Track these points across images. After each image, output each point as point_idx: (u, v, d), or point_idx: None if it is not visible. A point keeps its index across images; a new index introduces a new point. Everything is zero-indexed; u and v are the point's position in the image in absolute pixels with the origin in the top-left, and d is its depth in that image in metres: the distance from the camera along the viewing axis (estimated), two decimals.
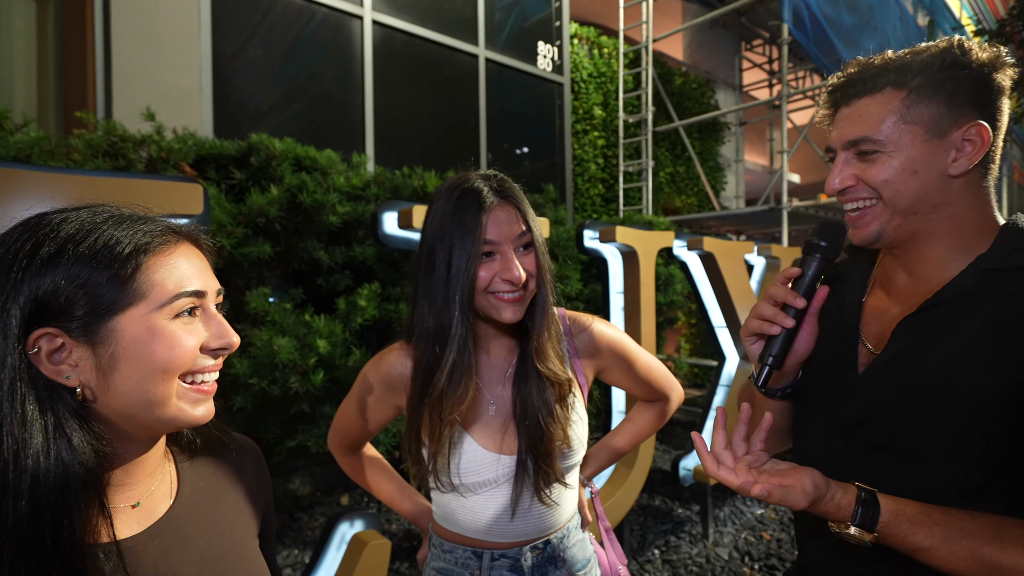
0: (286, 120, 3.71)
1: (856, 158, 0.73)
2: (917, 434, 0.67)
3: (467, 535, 0.94)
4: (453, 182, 0.89)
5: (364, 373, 0.97)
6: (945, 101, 0.68)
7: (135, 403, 0.51)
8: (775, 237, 7.42)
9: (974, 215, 0.71)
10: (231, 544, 0.61)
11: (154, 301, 0.51)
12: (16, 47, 2.91)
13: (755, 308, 0.77)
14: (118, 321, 0.50)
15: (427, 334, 0.86)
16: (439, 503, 0.97)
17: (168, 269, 0.53)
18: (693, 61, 7.65)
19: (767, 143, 8.54)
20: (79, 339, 0.49)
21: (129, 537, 0.54)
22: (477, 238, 0.83)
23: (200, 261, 0.57)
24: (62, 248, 0.48)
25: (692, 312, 6.05)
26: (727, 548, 2.74)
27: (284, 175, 2.38)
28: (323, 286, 2.65)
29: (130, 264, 0.50)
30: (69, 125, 2.98)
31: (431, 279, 0.86)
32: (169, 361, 0.52)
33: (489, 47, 4.83)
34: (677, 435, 4.41)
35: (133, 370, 0.50)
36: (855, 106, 0.73)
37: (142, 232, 0.52)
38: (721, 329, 3.05)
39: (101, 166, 2.01)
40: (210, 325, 0.56)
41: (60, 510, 0.46)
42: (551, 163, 5.40)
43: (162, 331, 0.51)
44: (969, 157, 0.69)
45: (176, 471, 0.62)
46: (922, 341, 0.69)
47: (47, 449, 0.46)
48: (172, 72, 3.14)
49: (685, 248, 2.82)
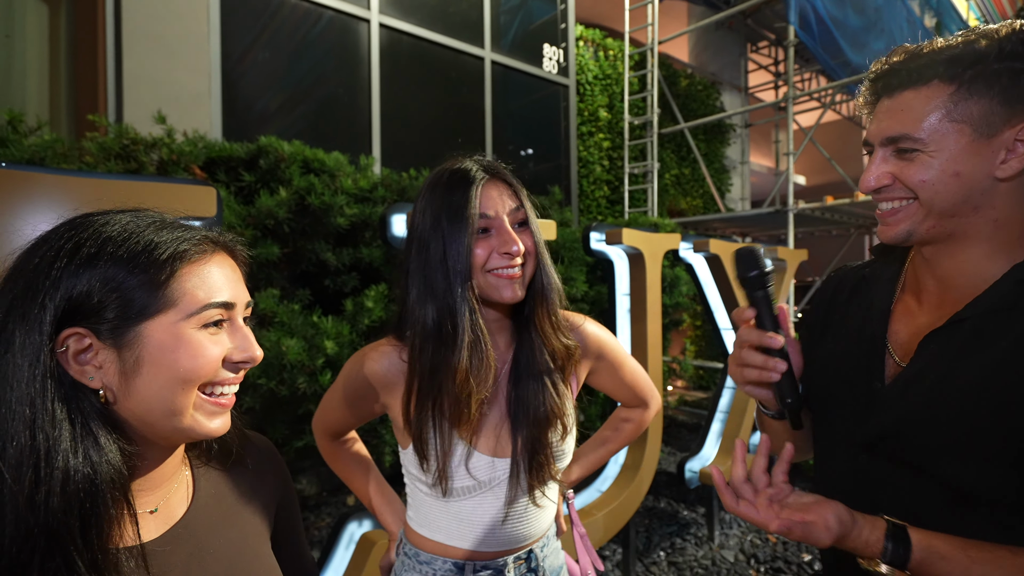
0: (294, 122, 3.74)
1: (894, 155, 0.67)
2: (945, 451, 0.63)
3: (449, 544, 0.88)
4: (441, 167, 0.87)
5: (350, 367, 0.91)
6: (999, 97, 0.61)
7: (153, 410, 0.52)
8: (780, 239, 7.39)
9: (1017, 219, 0.65)
10: (245, 549, 0.62)
11: (184, 309, 0.52)
12: (29, 50, 2.94)
13: (740, 356, 0.72)
14: (147, 326, 0.50)
15: (430, 321, 0.81)
16: (419, 508, 0.91)
17: (200, 278, 0.53)
18: (698, 63, 7.64)
19: (773, 145, 8.51)
20: (106, 341, 0.50)
21: (148, 541, 0.54)
22: (471, 213, 0.80)
23: (233, 272, 0.58)
24: (101, 249, 0.49)
25: (697, 314, 6.04)
26: (733, 550, 2.74)
27: (293, 177, 2.40)
28: (330, 287, 2.67)
29: (164, 271, 0.51)
30: (81, 128, 3.01)
31: (426, 264, 0.82)
32: (191, 371, 0.52)
33: (495, 49, 4.85)
34: (683, 437, 4.40)
35: (155, 377, 0.51)
36: (898, 99, 0.66)
37: (180, 239, 0.53)
38: (727, 331, 3.04)
39: (113, 169, 2.03)
40: (235, 337, 0.56)
41: (89, 509, 0.47)
42: (556, 165, 5.41)
43: (188, 340, 0.52)
44: (1021, 159, 0.62)
45: (192, 476, 0.63)
46: (950, 356, 0.65)
47: (75, 448, 0.47)
48: (182, 75, 3.17)
49: (691, 250, 2.83)
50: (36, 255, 0.49)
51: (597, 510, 2.25)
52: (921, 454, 0.65)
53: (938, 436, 0.64)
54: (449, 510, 0.88)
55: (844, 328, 0.79)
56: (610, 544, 2.65)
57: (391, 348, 0.88)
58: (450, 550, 0.89)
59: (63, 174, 1.11)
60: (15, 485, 0.44)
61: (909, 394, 0.67)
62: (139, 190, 1.17)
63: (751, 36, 8.05)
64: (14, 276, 0.48)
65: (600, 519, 2.22)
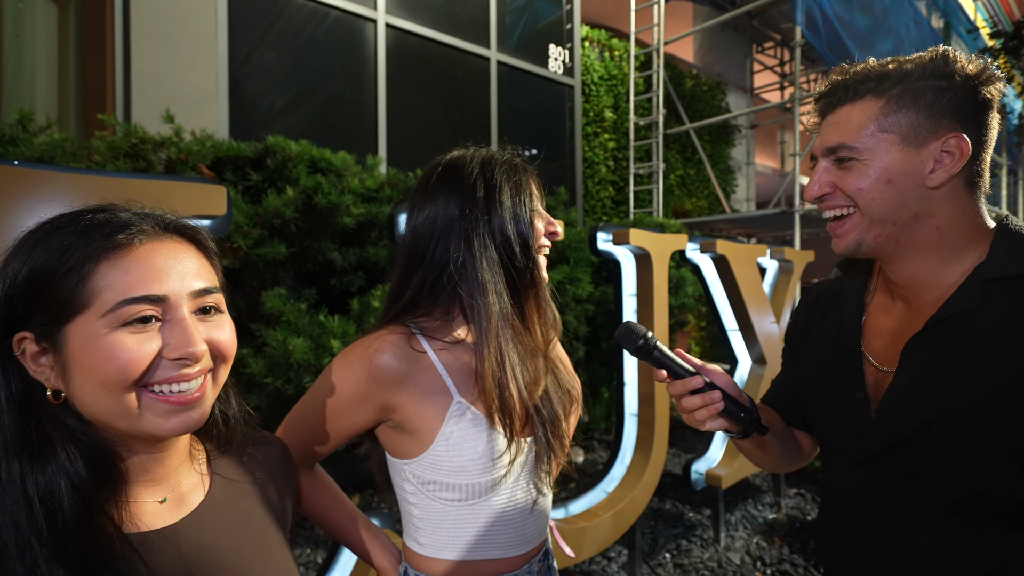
0: (300, 122, 3.75)
1: (835, 165, 0.73)
2: (958, 453, 0.65)
3: (482, 558, 0.82)
4: (444, 159, 0.87)
5: (347, 367, 0.80)
6: (924, 111, 0.67)
7: (98, 412, 0.50)
8: (786, 240, 7.37)
9: (961, 226, 0.70)
10: (263, 538, 0.62)
11: (98, 310, 0.48)
12: (38, 50, 2.96)
13: (682, 407, 0.77)
14: (68, 330, 0.48)
15: (500, 260, 0.81)
16: (436, 528, 0.82)
17: (118, 274, 0.49)
18: (704, 64, 7.63)
19: (778, 146, 8.49)
20: (43, 344, 0.49)
21: (161, 528, 0.54)
22: (533, 194, 0.85)
23: (175, 261, 0.52)
24: (19, 250, 0.49)
25: (703, 315, 6.03)
26: (739, 552, 2.73)
27: (300, 177, 2.41)
28: (336, 287, 2.67)
29: (76, 274, 0.48)
30: (89, 127, 3.03)
31: (491, 231, 0.81)
32: (108, 374, 0.48)
33: (501, 50, 4.85)
34: (687, 439, 4.39)
35: (84, 380, 0.49)
36: (837, 113, 0.73)
37: (102, 234, 0.50)
38: (733, 332, 3.03)
39: (122, 167, 2.04)
40: (172, 333, 0.51)
41: (72, 509, 0.47)
42: (562, 165, 5.41)
43: (101, 342, 0.48)
44: (947, 169, 0.67)
45: (208, 466, 0.63)
46: (939, 362, 0.67)
47: (41, 451, 0.48)
48: (189, 74, 3.18)
49: (698, 251, 2.82)
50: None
51: (603, 511, 2.24)
52: (931, 460, 0.66)
53: (950, 439, 0.65)
54: (479, 514, 0.82)
55: (822, 341, 0.84)
56: (615, 546, 2.64)
57: (399, 337, 0.80)
58: (479, 566, 0.83)
59: (76, 172, 1.12)
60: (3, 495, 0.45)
61: (905, 406, 0.68)
62: (150, 188, 1.17)
63: (757, 37, 8.04)
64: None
65: (606, 520, 2.21)
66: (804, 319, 0.91)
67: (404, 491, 0.84)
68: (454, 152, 0.88)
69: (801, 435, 0.94)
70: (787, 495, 3.39)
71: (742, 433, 0.82)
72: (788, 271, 3.44)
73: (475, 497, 0.80)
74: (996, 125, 0.70)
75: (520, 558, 0.86)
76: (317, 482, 0.90)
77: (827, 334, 0.83)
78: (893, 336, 0.74)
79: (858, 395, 0.75)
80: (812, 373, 0.84)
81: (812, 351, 0.86)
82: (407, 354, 0.79)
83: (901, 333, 0.73)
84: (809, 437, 0.94)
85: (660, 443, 2.44)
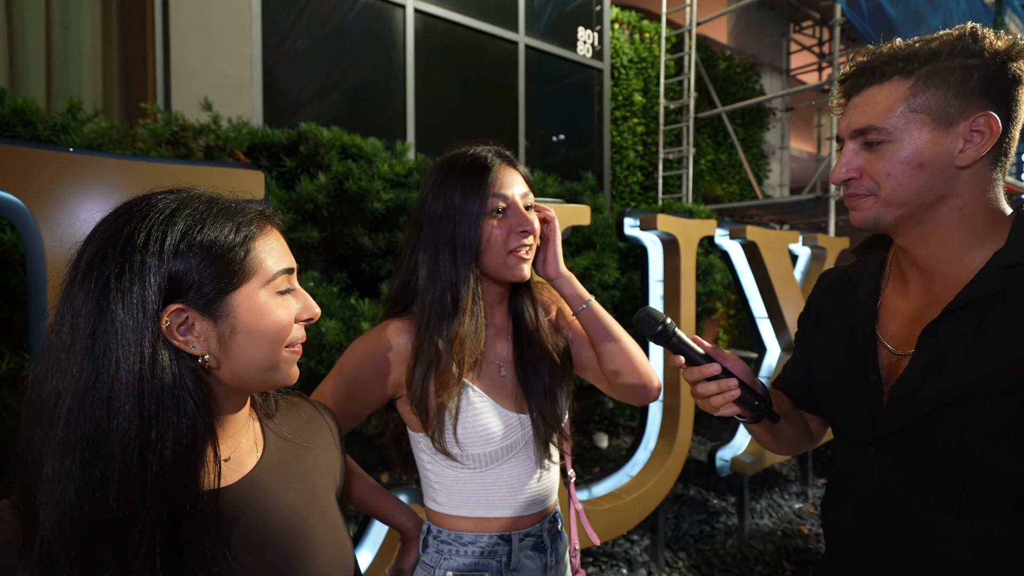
0: (330, 109, 3.81)
1: (863, 149, 0.72)
2: (964, 439, 0.66)
3: (491, 516, 0.90)
4: (454, 152, 0.92)
5: (363, 348, 0.89)
6: (953, 90, 0.67)
7: (250, 368, 0.58)
8: (820, 227, 7.16)
9: (984, 207, 0.70)
10: (313, 498, 0.66)
11: (261, 279, 0.57)
12: (84, 41, 3.08)
13: (698, 393, 0.78)
14: (234, 297, 0.56)
15: (436, 292, 0.86)
16: (450, 490, 0.90)
17: (268, 249, 0.59)
18: (738, 44, 7.41)
19: (814, 129, 8.21)
20: (203, 313, 0.55)
21: (227, 486, 0.59)
22: (488, 193, 0.85)
23: (283, 241, 0.63)
24: (186, 234, 0.54)
25: (731, 303, 5.94)
26: (763, 540, 2.72)
27: (331, 163, 2.46)
28: (366, 271, 2.73)
29: (242, 247, 0.56)
30: (132, 115, 3.15)
31: (436, 240, 0.86)
32: (277, 332, 0.58)
33: (529, 33, 4.81)
34: (713, 427, 4.36)
35: (249, 341, 0.57)
36: (864, 95, 0.72)
37: (247, 218, 0.58)
38: (763, 320, 2.99)
39: (164, 154, 2.12)
40: (299, 298, 0.62)
41: (191, 461, 0.52)
42: (589, 150, 5.36)
43: (269, 305, 0.58)
44: (977, 148, 0.67)
45: (261, 429, 0.67)
46: (958, 346, 0.67)
47: (180, 409, 0.52)
48: (225, 64, 3.27)
49: (727, 237, 2.78)
50: (118, 241, 0.52)
51: (627, 494, 2.26)
52: (944, 441, 0.67)
53: (964, 421, 0.65)
54: (487, 480, 0.90)
55: (836, 324, 0.84)
56: (638, 529, 2.67)
57: (406, 323, 0.89)
58: (494, 523, 0.90)
59: (125, 159, 1.18)
60: (123, 452, 0.49)
61: (923, 387, 0.68)
62: (194, 174, 1.23)
63: (794, 16, 7.75)
64: (100, 261, 0.51)
65: (629, 503, 2.23)
66: (818, 303, 0.92)
67: (421, 460, 0.93)
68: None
69: (811, 418, 0.95)
70: (815, 485, 3.35)
71: (753, 418, 0.83)
72: (821, 258, 3.37)
73: (483, 465, 0.89)
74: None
75: (530, 518, 0.93)
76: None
77: (841, 317, 0.84)
78: (909, 320, 0.75)
79: (871, 377, 0.75)
80: (825, 355, 0.85)
81: (826, 334, 0.86)
82: (408, 340, 0.88)
83: (917, 317, 0.73)
84: (818, 420, 0.95)
85: (685, 429, 2.44)
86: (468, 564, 0.89)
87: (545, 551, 0.94)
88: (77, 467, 0.48)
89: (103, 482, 0.48)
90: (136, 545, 0.48)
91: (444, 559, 0.90)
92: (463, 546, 0.90)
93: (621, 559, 2.49)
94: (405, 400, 0.90)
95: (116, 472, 0.48)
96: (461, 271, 0.86)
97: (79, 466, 0.48)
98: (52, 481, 0.48)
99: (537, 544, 0.94)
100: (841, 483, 0.80)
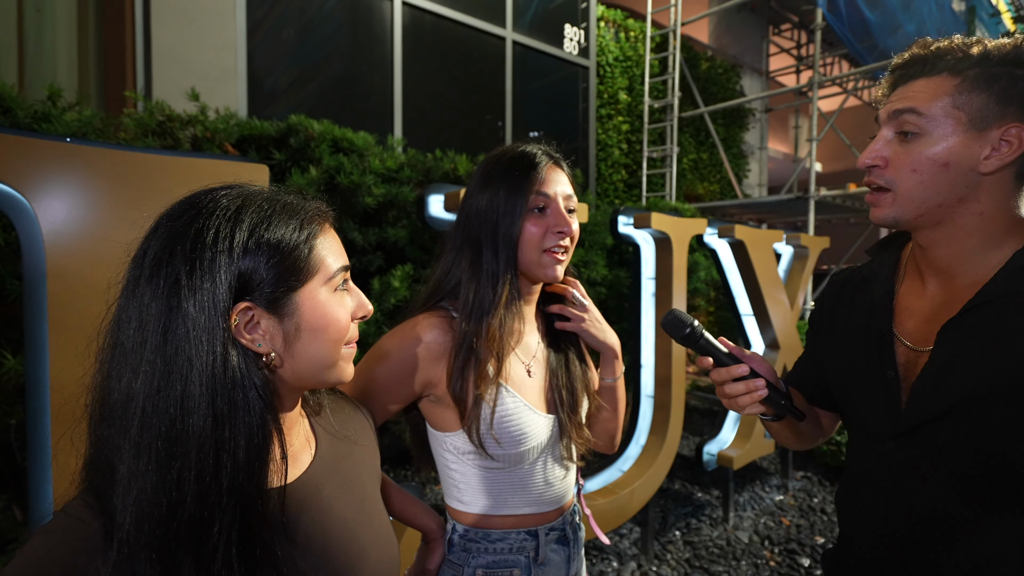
0: (315, 100, 3.74)
1: (896, 138, 0.73)
2: (983, 434, 0.67)
3: (519, 514, 0.90)
4: (506, 147, 0.92)
5: (391, 343, 0.87)
6: (996, 96, 0.68)
7: (312, 366, 0.58)
8: (797, 226, 7.33)
9: (1004, 214, 0.71)
10: (363, 495, 0.66)
11: (323, 276, 0.57)
12: (59, 25, 2.95)
13: (725, 393, 0.79)
14: (299, 295, 0.55)
15: (479, 285, 0.86)
16: (478, 489, 0.90)
17: (327, 247, 0.59)
18: (719, 45, 7.51)
19: (791, 131, 8.40)
20: (269, 312, 0.54)
21: (285, 484, 0.58)
22: (531, 190, 0.85)
23: (338, 238, 0.62)
24: (252, 232, 0.53)
25: (713, 300, 6.04)
26: (747, 532, 2.79)
27: (322, 156, 2.42)
28: (356, 266, 2.70)
29: (306, 245, 0.56)
30: (111, 103, 3.04)
31: (480, 235, 0.86)
32: (339, 330, 0.58)
33: (516, 29, 4.80)
34: (696, 422, 4.44)
35: (313, 339, 0.56)
36: (912, 86, 0.73)
37: (307, 215, 0.57)
38: (748, 317, 3.06)
39: (151, 145, 2.06)
40: (354, 295, 0.62)
41: (263, 460, 0.52)
42: (575, 147, 5.38)
43: (331, 303, 0.58)
44: (1002, 157, 0.68)
45: (311, 426, 0.67)
46: (978, 342, 0.69)
47: (249, 408, 0.51)
48: (209, 51, 3.17)
49: (716, 236, 2.83)
50: (186, 239, 0.50)
51: (619, 489, 2.30)
52: (963, 436, 0.69)
53: (984, 417, 0.67)
54: (514, 479, 0.90)
55: (851, 322, 0.86)
56: (628, 523, 2.71)
57: (439, 319, 0.88)
58: (522, 520, 0.91)
59: (125, 150, 1.14)
60: (199, 452, 0.48)
61: (950, 381, 0.70)
62: (195, 167, 1.20)
63: (774, 19, 7.89)
64: (170, 255, 0.50)
65: (621, 498, 2.26)
66: (831, 302, 0.93)
67: (445, 460, 0.92)
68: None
69: (822, 414, 0.98)
70: (794, 478, 3.45)
71: (776, 416, 0.85)
72: (803, 257, 3.45)
73: (510, 465, 0.89)
74: None
75: (553, 512, 0.95)
76: None
77: (856, 316, 0.85)
78: (926, 318, 0.76)
79: (888, 373, 0.77)
80: (839, 353, 0.87)
81: (841, 332, 0.88)
82: (447, 333, 0.87)
83: (935, 315, 0.75)
84: (829, 416, 0.98)
85: (675, 424, 2.48)
86: (497, 561, 0.89)
87: (568, 543, 0.96)
88: (153, 467, 0.47)
89: (180, 483, 0.47)
90: (215, 546, 0.48)
91: (472, 557, 0.89)
92: (491, 543, 0.90)
93: (611, 552, 2.52)
94: (433, 399, 0.89)
95: (193, 472, 0.48)
96: (501, 266, 0.86)
97: (155, 466, 0.47)
98: (128, 482, 0.47)
99: (561, 537, 0.95)
100: (858, 477, 0.82)
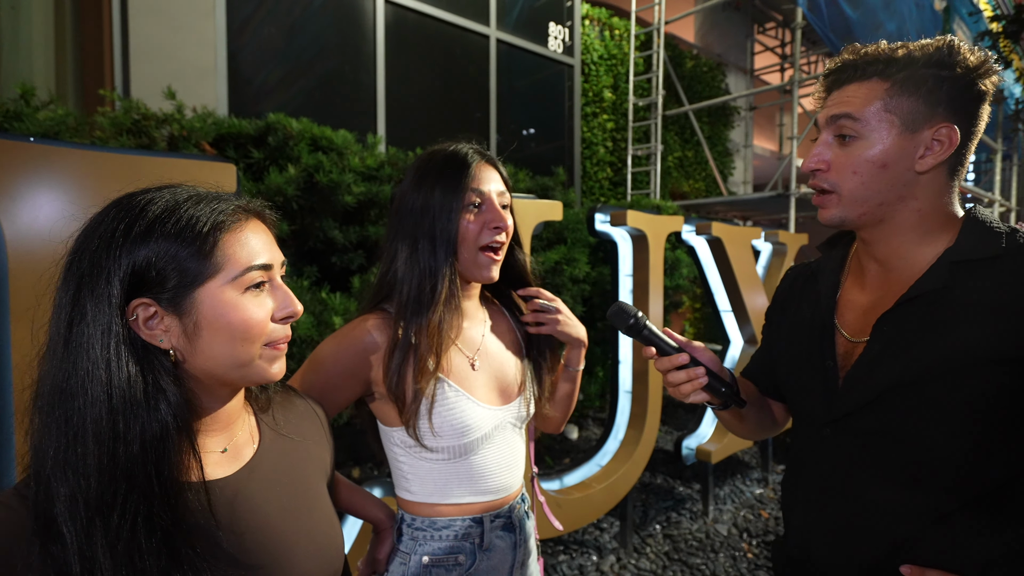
0: (298, 99, 3.73)
1: (836, 141, 0.76)
2: (913, 419, 0.71)
3: (464, 502, 0.92)
4: (434, 148, 0.93)
5: (331, 346, 0.89)
6: (924, 98, 0.71)
7: (220, 365, 0.57)
8: (782, 223, 7.40)
9: (939, 210, 0.75)
10: (307, 488, 0.68)
11: (228, 274, 0.56)
12: (35, 22, 2.92)
13: (668, 381, 0.83)
14: (199, 292, 0.55)
15: (415, 281, 0.86)
16: (424, 479, 0.91)
17: (239, 244, 0.57)
18: (704, 44, 7.56)
19: (776, 128, 8.47)
20: (168, 308, 0.55)
21: (221, 478, 0.60)
22: (467, 187, 0.87)
23: (266, 236, 0.62)
24: (151, 227, 0.53)
25: (697, 296, 6.09)
26: (726, 525, 2.83)
27: (301, 155, 2.42)
28: (337, 264, 2.70)
29: (209, 240, 0.55)
30: (88, 101, 3.01)
31: (416, 233, 0.87)
32: (246, 330, 0.57)
33: (500, 27, 4.81)
34: (679, 417, 4.49)
35: (213, 337, 0.56)
36: (845, 91, 0.76)
37: (218, 211, 0.57)
38: (727, 313, 3.10)
39: (125, 144, 2.05)
40: (276, 296, 0.61)
41: (160, 453, 0.53)
42: (560, 145, 5.40)
43: (235, 302, 0.56)
44: (935, 156, 0.72)
45: (256, 421, 0.68)
46: (908, 334, 0.72)
47: (147, 403, 0.53)
48: (188, 50, 3.16)
49: (694, 233, 2.86)
50: (95, 235, 0.53)
51: (597, 483, 2.32)
52: (892, 421, 0.72)
53: (911, 403, 0.71)
54: (460, 469, 0.91)
55: (798, 318, 0.90)
56: (608, 517, 2.74)
57: (379, 320, 0.89)
58: (466, 508, 0.93)
59: (90, 149, 1.14)
60: (96, 443, 0.50)
61: (873, 372, 0.74)
62: (160, 166, 1.20)
63: (758, 17, 7.96)
64: (79, 255, 0.53)
65: (599, 492, 2.29)
66: (783, 296, 0.97)
67: (394, 453, 0.94)
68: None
69: (775, 405, 1.01)
70: (775, 471, 3.50)
71: (722, 405, 0.88)
72: (782, 254, 3.50)
73: (455, 457, 0.91)
74: (986, 117, 0.74)
75: (500, 500, 0.96)
76: None
77: (804, 309, 0.89)
78: (865, 311, 0.80)
79: (828, 363, 0.81)
80: (787, 344, 0.91)
81: (789, 324, 0.92)
82: (388, 332, 0.88)
83: (872, 308, 0.79)
84: (782, 407, 1.01)
85: (653, 418, 2.51)
86: (443, 548, 0.91)
87: (514, 530, 0.98)
88: (62, 453, 0.50)
89: (85, 469, 0.50)
90: (117, 531, 0.50)
91: (419, 545, 0.91)
92: (437, 531, 0.92)
93: (591, 546, 2.55)
94: (378, 395, 0.91)
95: (93, 460, 0.50)
96: (439, 261, 0.87)
97: (63, 453, 0.50)
98: (53, 467, 0.50)
99: (507, 524, 0.97)
100: (798, 464, 0.86)
